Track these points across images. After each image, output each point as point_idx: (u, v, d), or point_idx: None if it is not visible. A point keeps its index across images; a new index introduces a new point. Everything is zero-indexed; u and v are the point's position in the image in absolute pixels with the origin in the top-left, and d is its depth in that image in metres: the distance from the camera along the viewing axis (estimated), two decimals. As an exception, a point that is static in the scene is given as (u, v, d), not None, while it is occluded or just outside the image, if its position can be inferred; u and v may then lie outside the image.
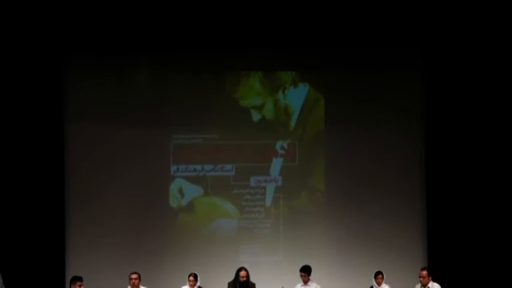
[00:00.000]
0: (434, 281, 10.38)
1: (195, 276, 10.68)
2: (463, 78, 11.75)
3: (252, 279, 10.79)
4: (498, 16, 11.30)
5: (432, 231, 11.81)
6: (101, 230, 11.72)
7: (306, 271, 10.71)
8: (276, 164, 12.04)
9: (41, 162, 11.62)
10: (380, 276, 10.65)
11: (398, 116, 12.02)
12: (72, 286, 9.93)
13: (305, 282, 10.75)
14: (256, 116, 12.08)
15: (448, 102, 11.81)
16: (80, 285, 9.91)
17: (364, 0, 11.40)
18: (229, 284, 10.84)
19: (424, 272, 10.31)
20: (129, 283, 10.37)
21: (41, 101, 11.65)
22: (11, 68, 11.54)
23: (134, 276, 10.38)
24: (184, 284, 10.74)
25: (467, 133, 11.77)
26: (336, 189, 11.97)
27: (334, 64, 12.00)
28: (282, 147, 12.06)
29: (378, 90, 12.02)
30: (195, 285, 10.67)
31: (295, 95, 12.11)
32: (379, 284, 10.62)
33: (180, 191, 11.98)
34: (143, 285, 10.49)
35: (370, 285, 10.71)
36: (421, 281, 10.31)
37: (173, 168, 11.98)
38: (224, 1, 11.34)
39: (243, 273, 10.68)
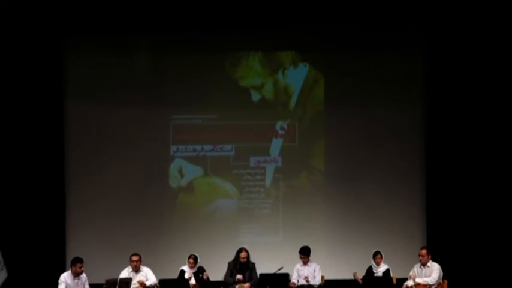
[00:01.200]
0: (433, 260, 10.40)
1: (195, 258, 10.72)
2: (463, 57, 11.69)
3: (252, 259, 10.85)
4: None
5: (432, 210, 11.82)
6: (101, 211, 11.74)
7: (305, 253, 10.76)
8: (276, 144, 12.03)
9: (41, 142, 11.62)
10: (378, 256, 10.68)
11: (399, 95, 11.99)
12: (72, 267, 9.98)
13: (305, 263, 10.79)
14: (255, 96, 12.05)
15: (448, 81, 11.76)
16: (80, 267, 9.96)
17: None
18: (229, 263, 10.89)
19: (424, 251, 10.34)
20: (130, 264, 10.41)
21: (41, 80, 11.63)
22: (11, 48, 11.50)
23: (135, 258, 10.41)
24: (184, 265, 10.78)
25: (468, 112, 11.73)
26: (335, 170, 11.98)
27: (334, 44, 11.94)
28: (282, 128, 12.05)
29: (378, 70, 11.98)
30: (194, 266, 10.72)
31: (295, 75, 12.06)
32: (377, 264, 10.66)
33: (180, 171, 11.98)
34: (143, 265, 10.53)
35: (369, 265, 10.74)
36: (420, 260, 10.35)
37: (173, 148, 11.98)
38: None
39: (243, 254, 10.73)
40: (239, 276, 10.56)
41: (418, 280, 10.17)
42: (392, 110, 11.95)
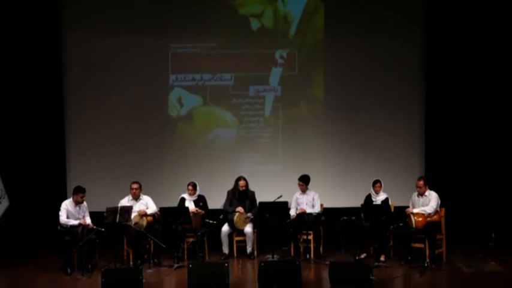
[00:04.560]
0: (431, 189, 10.45)
1: (194, 185, 10.79)
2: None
3: (251, 187, 10.91)
4: None
5: (430, 140, 11.88)
6: (101, 140, 11.77)
7: (303, 180, 10.80)
8: (275, 73, 11.95)
9: (40, 72, 11.59)
10: (378, 184, 10.71)
11: (399, 23, 11.85)
12: (74, 196, 10.07)
13: (303, 191, 10.86)
14: (255, 24, 11.90)
15: (450, 11, 11.62)
16: (82, 197, 10.04)
17: None
18: (228, 192, 10.96)
19: (421, 182, 10.36)
20: (130, 192, 10.49)
21: (38, 9, 11.49)
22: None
23: (135, 186, 10.48)
24: (184, 193, 10.86)
25: (470, 42, 11.65)
26: (335, 99, 11.94)
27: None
28: (281, 56, 11.94)
29: (378, -3, 11.84)
30: (194, 193, 10.80)
31: (295, 3, 11.88)
32: (376, 193, 10.71)
33: (179, 100, 11.95)
34: (143, 194, 10.61)
35: (368, 193, 10.81)
36: (418, 191, 10.38)
37: (172, 77, 11.91)
38: None
39: (242, 182, 10.79)
40: (239, 209, 10.65)
41: (415, 210, 10.24)
42: (393, 39, 11.84)
